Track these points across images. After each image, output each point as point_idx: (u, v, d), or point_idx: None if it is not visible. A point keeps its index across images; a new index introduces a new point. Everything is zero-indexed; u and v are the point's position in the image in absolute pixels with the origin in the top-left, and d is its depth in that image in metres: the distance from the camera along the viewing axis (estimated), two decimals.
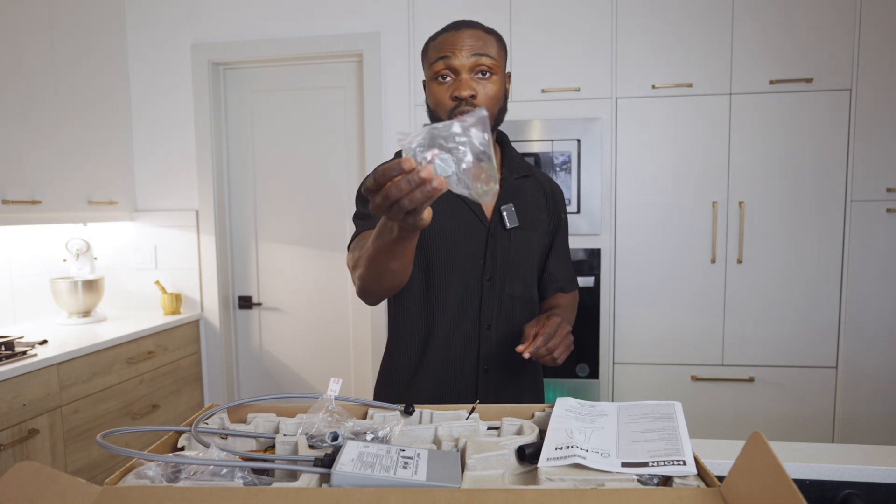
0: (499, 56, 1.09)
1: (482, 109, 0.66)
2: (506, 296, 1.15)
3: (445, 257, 1.13)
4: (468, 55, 1.06)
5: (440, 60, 1.07)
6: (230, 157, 2.82)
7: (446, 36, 1.08)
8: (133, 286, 2.82)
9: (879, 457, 1.03)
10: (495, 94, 1.08)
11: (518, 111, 2.42)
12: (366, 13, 2.56)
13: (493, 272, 1.14)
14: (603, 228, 2.41)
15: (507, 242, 1.14)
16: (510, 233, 1.14)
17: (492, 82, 1.08)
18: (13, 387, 1.82)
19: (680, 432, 0.72)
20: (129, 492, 0.61)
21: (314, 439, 0.80)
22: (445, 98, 1.08)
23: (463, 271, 1.14)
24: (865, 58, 2.24)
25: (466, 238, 1.13)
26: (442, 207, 1.13)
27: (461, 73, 1.06)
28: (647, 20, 2.34)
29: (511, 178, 1.18)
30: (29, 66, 2.19)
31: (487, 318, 1.15)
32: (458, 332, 1.15)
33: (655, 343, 2.43)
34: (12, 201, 2.09)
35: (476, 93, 1.06)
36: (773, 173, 2.32)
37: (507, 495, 0.60)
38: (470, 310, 1.14)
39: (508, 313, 1.15)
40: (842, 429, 2.35)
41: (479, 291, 1.14)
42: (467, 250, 1.13)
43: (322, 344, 2.80)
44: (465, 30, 1.07)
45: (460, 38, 1.06)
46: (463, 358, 1.15)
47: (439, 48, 1.08)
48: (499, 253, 1.13)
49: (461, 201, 1.14)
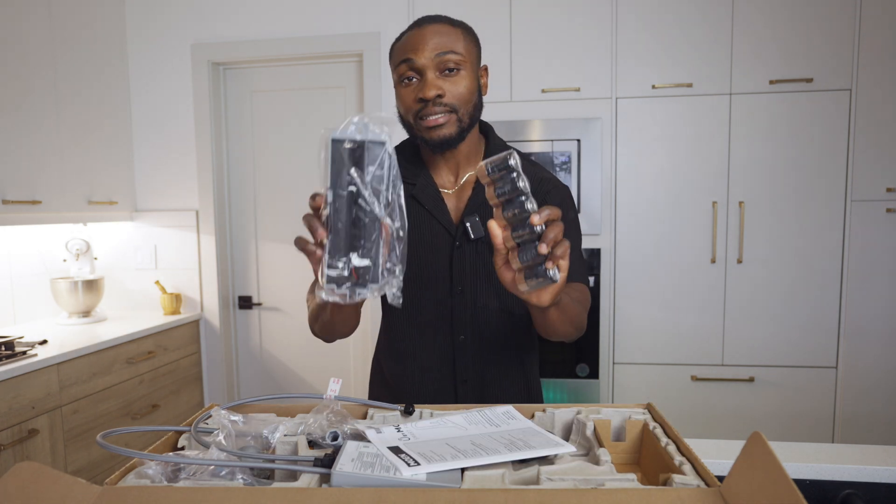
0: (467, 50, 1.02)
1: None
2: (478, 308, 1.10)
3: (416, 271, 1.10)
4: (432, 53, 0.99)
5: (403, 63, 1.01)
6: (230, 157, 2.82)
7: (409, 35, 1.02)
8: (133, 286, 2.82)
9: (879, 457, 1.03)
10: (465, 90, 1.01)
11: (518, 111, 2.42)
12: (366, 13, 2.57)
13: (463, 284, 1.10)
14: (603, 228, 2.41)
15: (474, 254, 1.09)
16: (476, 244, 1.09)
17: (461, 77, 1.01)
18: (13, 387, 1.82)
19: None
20: (129, 492, 0.61)
21: (314, 439, 0.80)
22: (411, 101, 1.02)
23: (433, 284, 1.10)
24: (865, 58, 2.24)
25: (434, 251, 1.10)
26: (412, 221, 1.08)
27: (426, 73, 1.00)
28: (647, 20, 2.34)
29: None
30: (29, 67, 2.19)
31: (460, 330, 1.11)
32: (434, 345, 1.13)
33: (655, 343, 2.43)
34: (12, 201, 2.09)
35: (443, 92, 1.00)
36: (773, 173, 2.32)
37: (506, 495, 0.60)
38: (443, 322, 1.12)
39: (482, 325, 1.11)
40: (842, 429, 2.35)
41: (449, 303, 1.10)
42: (435, 263, 1.10)
43: (322, 344, 2.80)
44: (428, 26, 1.01)
45: (423, 35, 1.00)
46: (441, 369, 1.13)
47: (403, 50, 1.02)
48: (466, 265, 1.09)
49: (430, 214, 1.10)
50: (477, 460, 0.68)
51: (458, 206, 1.11)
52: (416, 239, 1.10)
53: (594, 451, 0.76)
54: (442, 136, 1.02)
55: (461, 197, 1.11)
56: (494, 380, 1.14)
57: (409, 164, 1.13)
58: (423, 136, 1.04)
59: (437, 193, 1.10)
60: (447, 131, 1.02)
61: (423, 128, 1.03)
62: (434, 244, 1.10)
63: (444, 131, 1.02)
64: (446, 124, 1.02)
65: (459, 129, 1.03)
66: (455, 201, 1.11)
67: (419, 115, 1.02)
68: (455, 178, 1.13)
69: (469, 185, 1.11)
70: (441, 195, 1.11)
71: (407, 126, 1.08)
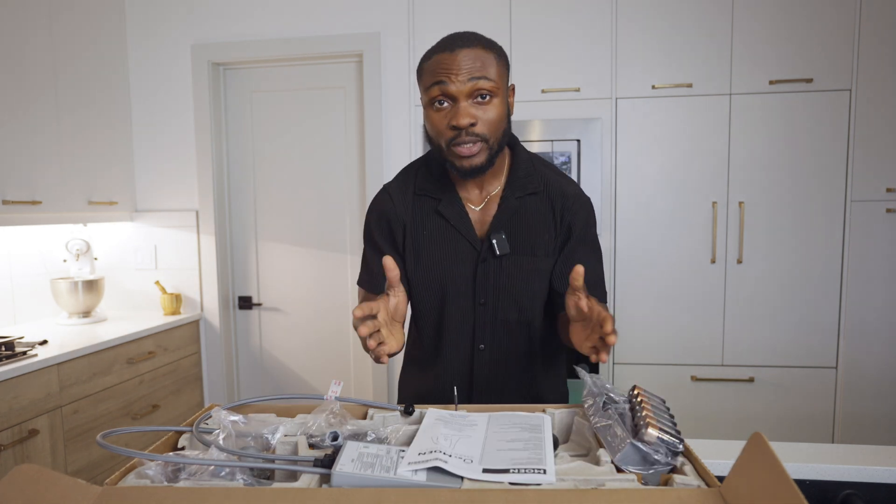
0: (499, 76, 1.02)
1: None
2: (499, 320, 1.14)
3: (443, 282, 1.14)
4: (465, 79, 0.98)
5: (436, 86, 1.00)
6: (230, 158, 2.82)
7: (441, 57, 1.00)
8: (133, 286, 2.82)
9: (879, 457, 1.03)
10: (496, 117, 1.02)
11: (518, 111, 2.42)
12: (366, 13, 2.56)
13: (486, 297, 1.13)
14: (603, 228, 2.40)
15: (498, 269, 1.12)
16: (500, 260, 1.11)
17: (493, 105, 1.01)
18: (13, 387, 1.82)
19: (545, 443, 0.74)
20: (129, 492, 0.61)
21: (314, 439, 0.80)
22: (443, 127, 1.02)
23: (457, 296, 1.14)
24: (865, 58, 2.24)
25: (460, 264, 1.13)
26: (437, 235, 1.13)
27: (459, 100, 0.99)
28: (647, 20, 2.34)
29: (512, 198, 1.12)
30: (29, 67, 2.19)
31: (480, 340, 1.15)
32: (456, 353, 1.17)
33: (655, 343, 2.43)
34: (12, 201, 2.09)
35: (476, 120, 1.00)
36: (773, 173, 2.32)
37: (507, 495, 0.60)
38: (465, 332, 1.15)
39: (501, 337, 1.15)
40: (842, 429, 2.35)
41: (472, 315, 1.14)
42: (460, 276, 1.13)
43: (322, 344, 2.80)
44: (461, 50, 0.99)
45: (456, 60, 0.98)
46: (460, 377, 1.17)
47: (434, 72, 1.00)
48: (490, 279, 1.12)
49: (455, 229, 1.12)
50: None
51: (484, 220, 1.13)
52: (441, 252, 1.12)
53: (594, 452, 0.76)
54: (473, 166, 1.03)
55: (487, 212, 1.13)
56: (507, 388, 1.16)
57: (435, 178, 1.14)
58: (454, 162, 1.05)
59: (462, 209, 1.12)
60: (478, 160, 1.03)
61: (455, 155, 1.03)
62: (459, 258, 1.12)
63: (476, 161, 1.03)
64: (478, 154, 1.02)
65: (489, 156, 1.04)
66: (480, 216, 1.13)
67: (451, 143, 1.02)
68: (480, 192, 1.14)
69: (494, 201, 1.13)
70: (466, 211, 1.12)
71: (436, 148, 1.07)
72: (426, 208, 1.14)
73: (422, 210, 1.14)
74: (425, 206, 1.14)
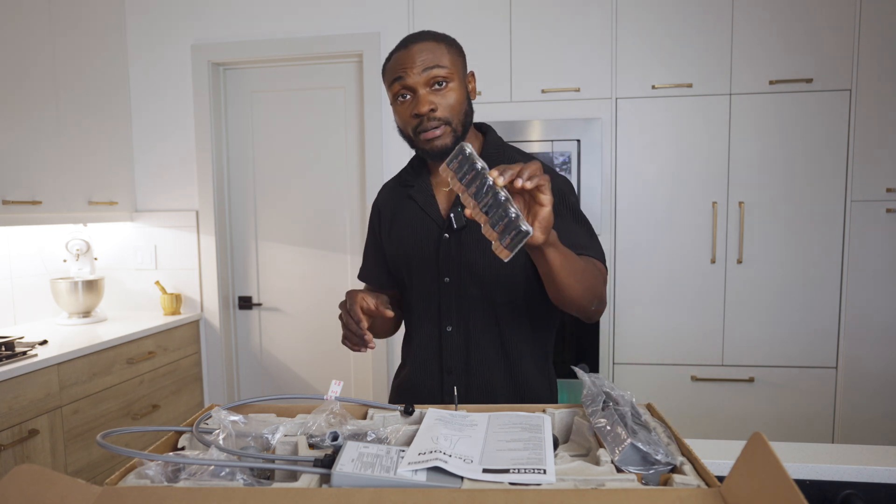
0: (452, 63, 1.09)
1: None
2: (464, 297, 1.15)
3: (409, 259, 1.18)
4: (420, 70, 1.06)
5: (396, 82, 1.08)
6: (230, 157, 2.82)
7: (398, 56, 1.09)
8: (133, 286, 2.82)
9: (879, 457, 1.03)
10: (455, 101, 1.09)
11: (518, 111, 2.42)
12: (366, 13, 2.57)
13: (449, 274, 1.15)
14: (603, 228, 2.40)
15: (458, 244, 1.14)
16: (460, 234, 1.14)
17: (450, 90, 1.08)
18: (13, 387, 1.82)
19: (545, 443, 0.74)
20: (129, 492, 0.61)
21: (314, 439, 0.80)
22: (408, 117, 1.09)
23: (423, 274, 1.17)
24: (865, 58, 2.24)
25: (424, 241, 1.17)
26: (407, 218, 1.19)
27: (417, 90, 1.07)
28: (647, 20, 2.34)
29: None
30: (29, 67, 2.19)
31: (447, 320, 1.16)
32: (423, 333, 1.20)
33: (655, 343, 2.43)
34: (12, 201, 2.09)
35: (436, 105, 1.07)
36: (773, 173, 2.32)
37: (507, 495, 0.60)
38: (430, 311, 1.18)
39: (468, 315, 1.15)
40: (842, 429, 2.35)
41: (437, 292, 1.16)
42: (423, 251, 1.17)
43: (322, 344, 2.80)
44: (414, 45, 1.08)
45: (410, 55, 1.07)
46: (429, 359, 1.19)
47: (394, 70, 1.09)
48: (453, 254, 1.14)
49: (422, 210, 1.17)
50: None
51: (450, 201, 1.18)
52: (408, 232, 1.19)
53: (594, 452, 0.76)
54: (439, 147, 1.10)
55: (453, 194, 1.18)
56: (478, 371, 1.17)
57: (413, 169, 1.24)
58: (423, 147, 1.12)
59: (430, 192, 1.20)
60: (443, 142, 1.10)
61: (421, 141, 1.11)
62: (424, 236, 1.18)
63: (440, 142, 1.09)
64: (442, 136, 1.09)
65: (454, 137, 1.11)
66: (447, 197, 1.19)
67: (417, 130, 1.09)
68: None
69: None
70: (434, 193, 1.19)
71: (407, 139, 1.14)
72: (401, 195, 1.24)
73: (398, 197, 1.24)
74: (401, 194, 1.24)
